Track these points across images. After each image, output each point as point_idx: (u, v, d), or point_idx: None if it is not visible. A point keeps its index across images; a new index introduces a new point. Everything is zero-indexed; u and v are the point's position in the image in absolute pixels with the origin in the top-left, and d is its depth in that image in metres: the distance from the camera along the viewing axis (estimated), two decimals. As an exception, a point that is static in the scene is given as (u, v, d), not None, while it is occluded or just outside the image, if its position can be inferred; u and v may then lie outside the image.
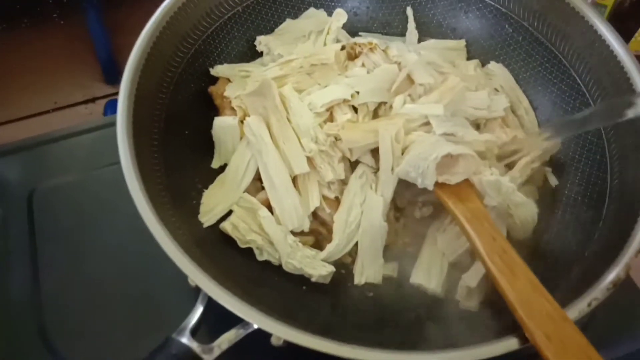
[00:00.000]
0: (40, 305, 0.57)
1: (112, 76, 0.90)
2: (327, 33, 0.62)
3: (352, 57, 0.60)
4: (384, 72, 0.57)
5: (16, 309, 0.57)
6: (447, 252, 0.52)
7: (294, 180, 0.54)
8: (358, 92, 0.56)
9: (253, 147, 0.55)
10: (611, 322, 0.56)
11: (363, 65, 0.58)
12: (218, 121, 0.57)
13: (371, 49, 0.57)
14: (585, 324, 0.50)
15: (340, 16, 0.63)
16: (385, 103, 0.57)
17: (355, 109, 0.57)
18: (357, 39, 0.61)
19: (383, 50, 0.58)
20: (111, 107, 0.85)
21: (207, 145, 0.58)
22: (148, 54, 0.53)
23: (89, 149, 0.69)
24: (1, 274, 0.59)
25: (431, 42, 0.66)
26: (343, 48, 0.60)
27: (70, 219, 0.63)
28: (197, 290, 0.42)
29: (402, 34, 0.69)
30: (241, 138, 0.57)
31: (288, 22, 0.66)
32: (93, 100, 0.91)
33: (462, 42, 0.66)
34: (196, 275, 0.40)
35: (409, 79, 0.56)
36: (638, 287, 0.59)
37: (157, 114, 0.53)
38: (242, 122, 0.57)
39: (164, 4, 0.56)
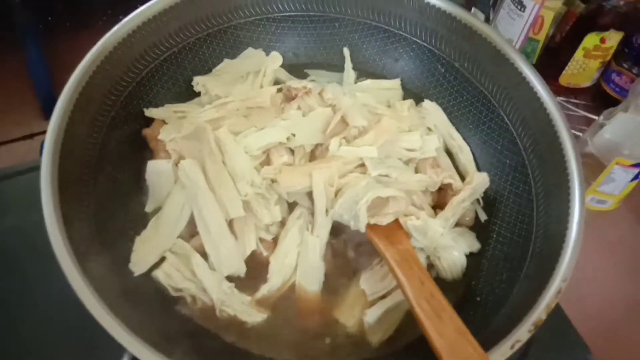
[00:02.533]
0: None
1: (51, 111, 0.88)
2: (264, 75, 0.63)
3: (288, 99, 0.60)
4: (320, 115, 0.58)
5: None
6: (369, 293, 0.52)
7: (230, 224, 0.54)
8: (294, 135, 0.57)
9: (188, 191, 0.55)
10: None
11: (299, 107, 0.59)
12: (152, 165, 0.56)
13: (306, 93, 0.58)
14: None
15: (276, 59, 0.64)
16: (321, 145, 0.58)
17: (291, 151, 0.58)
18: (292, 83, 0.61)
19: (318, 94, 0.59)
20: (49, 145, 0.83)
21: (140, 190, 0.58)
22: (78, 96, 0.52)
23: (26, 192, 0.66)
24: None
25: (368, 83, 0.67)
26: (279, 91, 0.60)
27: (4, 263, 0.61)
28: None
29: (342, 70, 0.70)
30: (176, 182, 0.56)
31: (226, 62, 0.67)
32: (31, 136, 0.88)
33: (398, 82, 0.68)
34: (115, 331, 0.39)
35: (344, 121, 0.57)
36: (573, 326, 0.61)
37: (87, 159, 0.52)
38: (176, 165, 0.56)
39: (96, 45, 0.56)
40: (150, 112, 0.60)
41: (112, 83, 0.57)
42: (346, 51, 0.69)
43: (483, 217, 0.59)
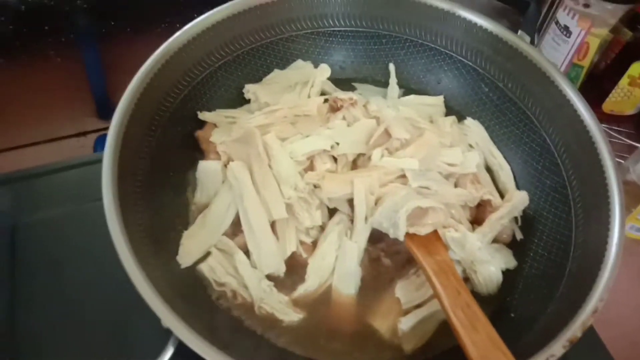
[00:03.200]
0: (15, 339, 0.57)
1: (105, 111, 0.93)
2: (312, 86, 0.66)
3: (334, 109, 0.62)
4: (364, 126, 0.60)
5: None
6: (404, 301, 0.53)
7: (272, 225, 0.56)
8: (338, 144, 0.59)
9: (234, 191, 0.57)
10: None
11: (344, 118, 0.61)
12: (203, 165, 0.59)
13: (352, 104, 0.60)
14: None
15: (324, 71, 0.67)
16: (363, 154, 0.60)
17: (334, 159, 0.60)
18: (339, 94, 0.64)
19: (363, 105, 0.61)
20: (101, 142, 0.87)
21: (188, 187, 0.61)
22: (139, 97, 0.55)
23: (77, 184, 0.70)
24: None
25: (411, 98, 0.69)
26: (326, 101, 0.63)
27: (53, 253, 0.64)
28: (169, 332, 0.43)
29: (385, 85, 0.72)
30: (223, 182, 0.59)
31: (276, 72, 0.69)
32: (84, 133, 0.92)
33: (441, 99, 0.70)
34: (168, 319, 0.42)
35: (387, 133, 0.59)
36: (604, 345, 0.61)
37: (143, 156, 0.55)
38: (225, 166, 0.59)
39: (158, 50, 0.59)
40: (203, 115, 0.63)
41: (170, 86, 0.60)
42: (392, 67, 0.71)
43: (519, 235, 0.60)
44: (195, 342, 0.41)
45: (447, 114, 0.69)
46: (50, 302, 0.60)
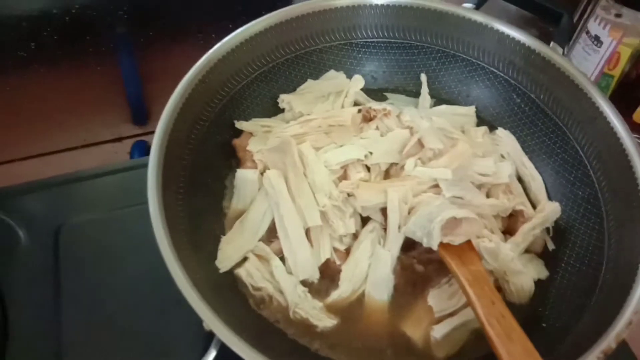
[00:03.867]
0: (59, 337, 0.60)
1: (140, 118, 0.95)
2: (345, 96, 0.67)
3: (368, 119, 0.64)
4: (397, 136, 0.61)
5: (35, 338, 0.60)
6: (437, 310, 0.54)
7: (307, 232, 0.58)
8: (372, 153, 0.60)
9: (270, 199, 0.59)
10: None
11: (377, 128, 0.63)
12: (240, 173, 0.61)
13: (385, 114, 0.62)
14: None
15: (358, 82, 0.68)
16: (396, 164, 0.61)
17: (368, 168, 0.61)
18: (372, 104, 0.65)
19: (397, 116, 0.62)
20: (137, 148, 0.90)
21: (224, 193, 0.63)
22: (181, 107, 0.57)
23: (115, 189, 0.73)
24: (24, 304, 0.62)
25: (443, 108, 0.70)
26: (359, 111, 0.64)
27: (94, 255, 0.67)
28: (211, 334, 0.45)
29: (416, 95, 0.73)
30: (259, 189, 0.61)
31: (309, 82, 0.71)
32: (120, 139, 0.95)
33: (472, 109, 0.70)
34: (212, 322, 0.43)
35: (420, 143, 0.60)
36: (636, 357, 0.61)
37: (184, 164, 0.58)
38: (261, 174, 0.61)
39: (198, 62, 0.61)
40: (240, 124, 0.65)
41: (210, 97, 0.63)
42: (423, 77, 0.72)
43: (551, 246, 0.60)
44: (238, 345, 0.43)
45: (478, 124, 0.70)
46: (92, 303, 0.63)
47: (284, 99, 0.68)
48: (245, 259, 0.57)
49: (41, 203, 0.71)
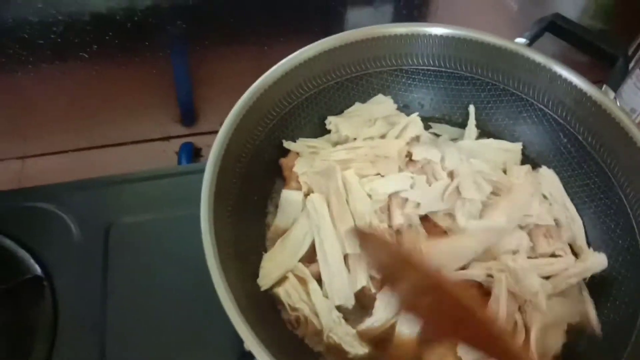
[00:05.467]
0: (104, 333, 0.63)
1: (189, 119, 0.99)
2: (402, 128, 0.68)
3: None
4: (442, 185, 0.62)
5: (81, 333, 0.64)
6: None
7: (345, 257, 0.59)
8: (419, 204, 0.61)
9: (312, 221, 0.61)
10: None
11: (422, 167, 0.64)
12: (285, 193, 0.63)
13: (428, 163, 0.63)
14: None
15: (415, 124, 0.68)
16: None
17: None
18: (416, 150, 0.65)
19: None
20: (185, 150, 0.93)
21: (269, 211, 0.66)
22: (235, 129, 0.60)
23: (164, 194, 0.76)
24: (73, 299, 0.66)
25: (490, 141, 0.70)
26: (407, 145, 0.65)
27: (141, 256, 0.69)
28: (250, 355, 0.47)
29: (462, 125, 0.74)
30: (302, 210, 0.63)
31: (357, 105, 0.73)
32: (168, 138, 0.99)
33: (519, 147, 0.70)
34: (253, 345, 0.46)
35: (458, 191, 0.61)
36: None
37: (233, 183, 0.60)
38: (305, 196, 0.63)
39: (254, 84, 0.63)
40: (288, 144, 0.67)
41: (261, 116, 0.65)
42: (472, 109, 0.73)
43: (586, 295, 0.60)
44: None
45: (522, 161, 0.70)
46: (138, 303, 0.66)
47: (332, 121, 0.70)
48: (285, 278, 0.59)
49: (93, 201, 0.75)
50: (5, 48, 0.80)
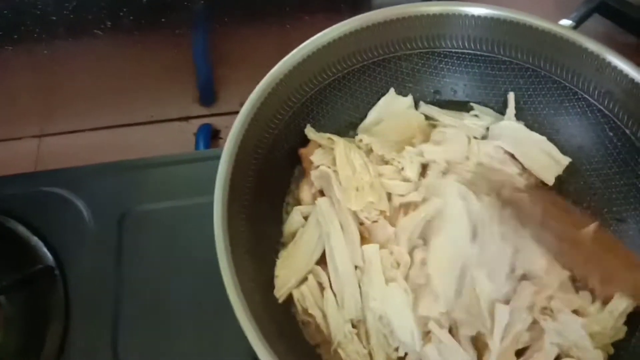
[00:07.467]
0: (117, 323, 0.62)
1: (208, 99, 0.95)
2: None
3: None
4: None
5: (93, 323, 0.62)
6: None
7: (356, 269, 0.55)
8: None
9: (322, 228, 0.57)
10: None
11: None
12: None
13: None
14: None
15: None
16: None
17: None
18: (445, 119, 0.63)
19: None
20: (203, 132, 0.90)
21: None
22: (251, 119, 0.56)
23: (181, 180, 0.73)
24: (85, 288, 0.64)
25: (538, 139, 0.65)
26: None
27: (155, 244, 0.67)
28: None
29: (497, 112, 0.69)
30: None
31: (378, 111, 0.67)
32: (187, 119, 0.96)
33: (566, 160, 0.64)
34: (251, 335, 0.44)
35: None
36: None
37: (249, 177, 0.56)
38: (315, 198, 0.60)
39: (274, 68, 0.59)
40: (308, 132, 0.63)
41: (281, 104, 0.61)
42: (511, 96, 0.67)
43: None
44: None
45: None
46: (152, 291, 0.64)
47: (364, 139, 0.63)
48: (304, 279, 0.56)
49: (108, 187, 0.72)
50: (18, 24, 0.77)
